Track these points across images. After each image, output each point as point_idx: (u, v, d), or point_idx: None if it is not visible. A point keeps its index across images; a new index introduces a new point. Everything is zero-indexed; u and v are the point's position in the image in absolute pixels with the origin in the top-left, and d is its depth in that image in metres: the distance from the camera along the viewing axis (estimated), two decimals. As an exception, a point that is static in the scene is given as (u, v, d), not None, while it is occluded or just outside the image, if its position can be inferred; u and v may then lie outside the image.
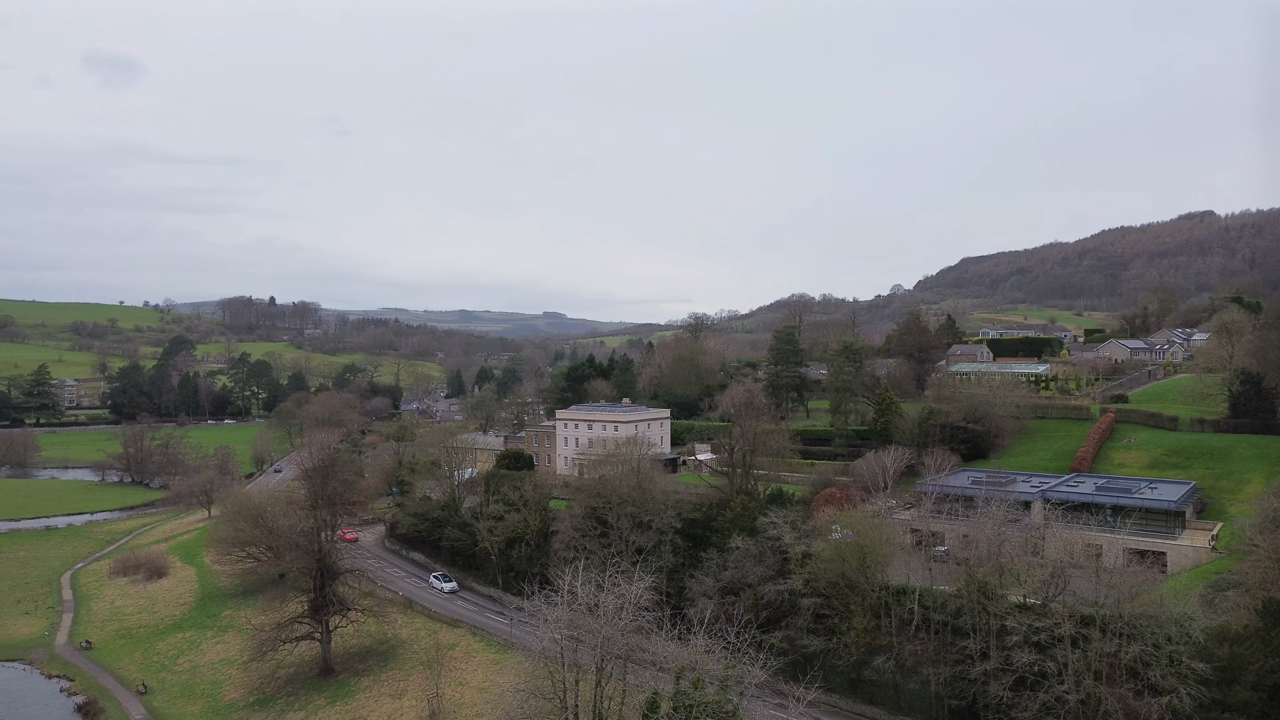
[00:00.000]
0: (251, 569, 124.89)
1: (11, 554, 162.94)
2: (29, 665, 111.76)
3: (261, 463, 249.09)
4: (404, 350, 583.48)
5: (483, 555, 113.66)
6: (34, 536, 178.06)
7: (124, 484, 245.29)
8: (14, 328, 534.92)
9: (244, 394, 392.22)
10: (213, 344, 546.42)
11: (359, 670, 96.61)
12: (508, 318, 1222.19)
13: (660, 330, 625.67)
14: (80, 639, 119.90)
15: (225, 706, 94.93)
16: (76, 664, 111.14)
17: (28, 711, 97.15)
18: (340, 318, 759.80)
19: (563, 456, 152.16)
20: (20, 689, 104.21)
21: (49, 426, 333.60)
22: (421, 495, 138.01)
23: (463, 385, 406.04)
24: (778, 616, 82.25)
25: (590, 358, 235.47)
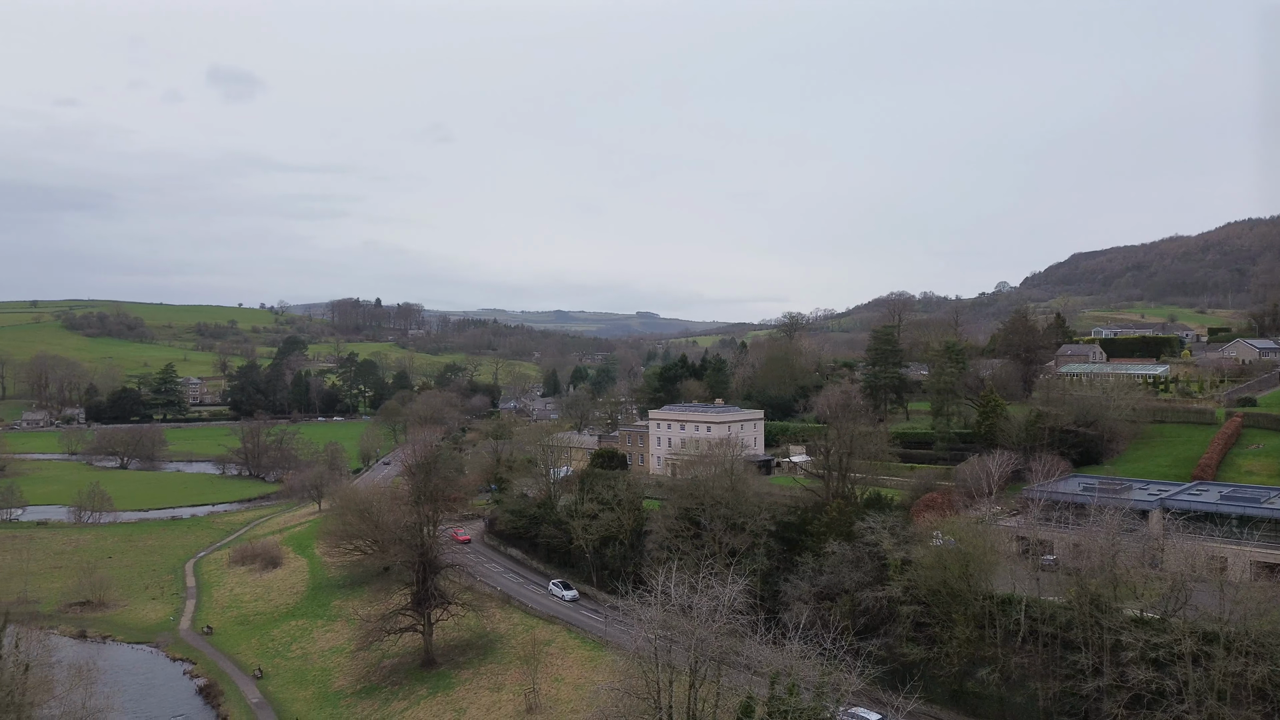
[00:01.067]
0: (358, 561, 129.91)
1: (141, 542, 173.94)
2: (156, 648, 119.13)
3: (368, 458, 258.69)
4: (502, 350, 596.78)
5: (577, 553, 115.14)
6: (161, 526, 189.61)
7: (242, 477, 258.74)
8: (144, 329, 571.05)
9: (352, 392, 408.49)
10: (323, 344, 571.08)
11: (459, 662, 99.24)
12: (601, 318, 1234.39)
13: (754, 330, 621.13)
14: (202, 624, 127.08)
15: (334, 693, 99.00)
16: (198, 648, 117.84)
17: (156, 693, 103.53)
18: (442, 318, 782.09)
19: (655, 456, 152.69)
20: (149, 670, 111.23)
21: (175, 422, 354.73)
22: (519, 493, 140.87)
23: (558, 384, 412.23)
24: (875, 623, 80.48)
25: (683, 358, 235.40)
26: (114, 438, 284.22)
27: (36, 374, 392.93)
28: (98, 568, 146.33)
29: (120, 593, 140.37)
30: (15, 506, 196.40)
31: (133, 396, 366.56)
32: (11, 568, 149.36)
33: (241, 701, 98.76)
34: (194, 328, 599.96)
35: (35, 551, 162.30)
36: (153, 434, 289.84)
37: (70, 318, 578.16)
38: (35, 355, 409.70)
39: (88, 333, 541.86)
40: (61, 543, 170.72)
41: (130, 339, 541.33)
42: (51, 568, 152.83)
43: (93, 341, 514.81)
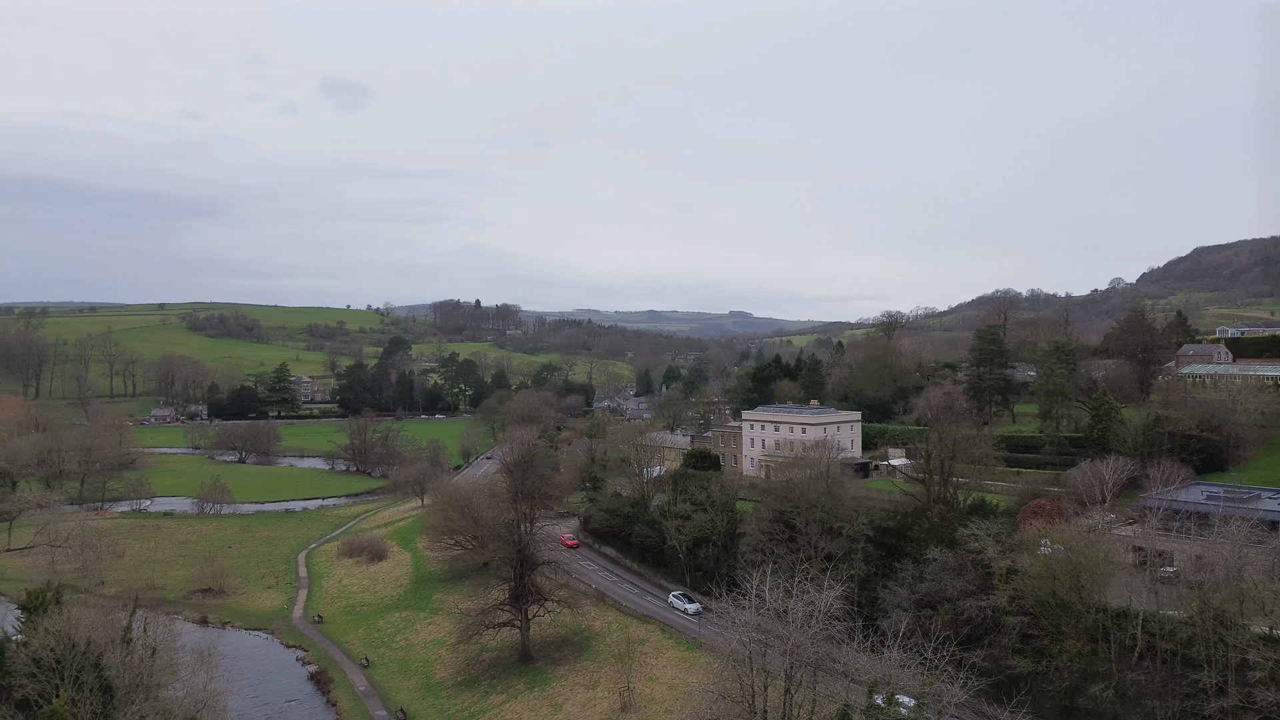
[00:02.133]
0: (459, 556, 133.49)
1: (257, 533, 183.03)
2: (271, 635, 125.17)
3: (468, 455, 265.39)
4: (596, 350, 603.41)
5: (670, 553, 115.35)
6: (275, 518, 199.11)
7: (350, 473, 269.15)
8: (260, 330, 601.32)
9: (453, 390, 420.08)
10: (425, 344, 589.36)
11: (555, 659, 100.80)
12: (694, 317, 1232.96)
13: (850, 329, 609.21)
14: (313, 613, 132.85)
15: (436, 684, 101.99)
16: (310, 636, 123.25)
17: (271, 678, 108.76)
18: (538, 319, 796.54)
19: (749, 458, 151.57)
20: (265, 656, 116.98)
21: (288, 419, 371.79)
22: (612, 491, 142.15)
23: (651, 384, 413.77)
24: (979, 634, 77.84)
25: (777, 357, 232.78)
26: (233, 433, 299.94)
27: (164, 373, 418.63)
28: (218, 557, 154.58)
29: (238, 581, 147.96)
30: (144, 498, 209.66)
31: (250, 394, 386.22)
32: (141, 555, 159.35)
33: (350, 689, 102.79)
34: (305, 329, 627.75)
35: (162, 540, 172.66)
36: (268, 430, 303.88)
37: (194, 319, 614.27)
38: (163, 355, 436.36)
39: (209, 334, 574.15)
40: (185, 532, 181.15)
41: (248, 339, 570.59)
42: (176, 556, 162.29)
43: (214, 342, 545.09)
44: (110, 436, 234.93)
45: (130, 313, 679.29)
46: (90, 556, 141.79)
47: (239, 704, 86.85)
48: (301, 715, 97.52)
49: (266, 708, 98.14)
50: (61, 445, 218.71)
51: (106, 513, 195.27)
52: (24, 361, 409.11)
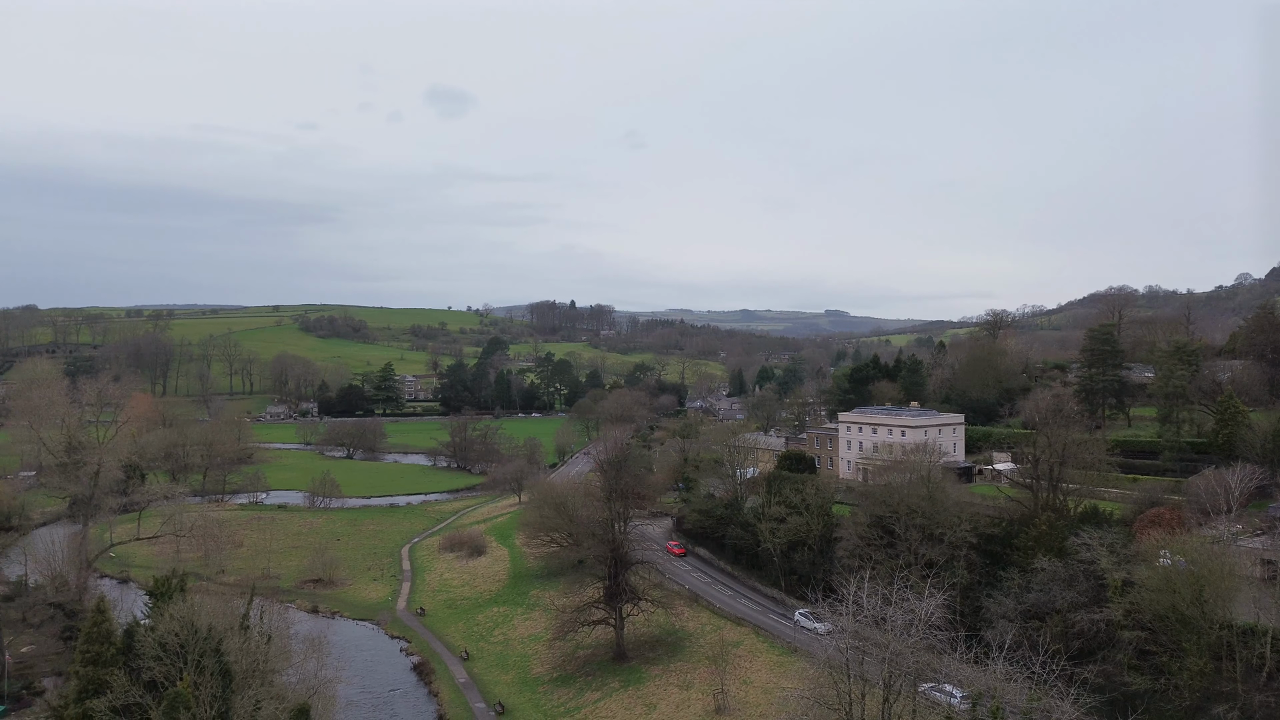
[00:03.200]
0: (555, 553, 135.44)
1: (364, 527, 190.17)
2: (376, 625, 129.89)
3: (563, 454, 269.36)
4: (689, 349, 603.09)
5: (765, 556, 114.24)
6: (381, 512, 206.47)
7: (450, 469, 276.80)
8: (367, 331, 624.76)
9: (548, 390, 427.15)
10: (523, 344, 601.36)
11: (649, 658, 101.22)
12: (789, 316, 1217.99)
13: (953, 328, 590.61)
14: (416, 606, 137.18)
15: (533, 679, 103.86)
16: (413, 628, 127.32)
17: (377, 667, 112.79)
18: (631, 319, 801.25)
19: (845, 460, 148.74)
20: (371, 646, 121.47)
21: (392, 416, 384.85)
22: (705, 492, 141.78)
23: (744, 384, 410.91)
24: (1091, 648, 74.27)
25: (874, 358, 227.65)
26: (341, 430, 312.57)
27: (278, 372, 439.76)
28: (328, 549, 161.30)
29: (346, 572, 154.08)
30: (261, 491, 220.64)
31: (357, 393, 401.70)
32: (257, 546, 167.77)
33: (450, 681, 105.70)
34: (409, 329, 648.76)
35: (276, 532, 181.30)
36: (374, 427, 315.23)
37: (305, 320, 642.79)
38: (277, 355, 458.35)
39: (320, 334, 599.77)
40: (298, 525, 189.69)
41: (355, 340, 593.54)
42: (290, 547, 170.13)
43: (324, 342, 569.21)
44: (230, 432, 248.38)
45: (248, 314, 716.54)
46: (212, 546, 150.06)
47: (347, 691, 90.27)
48: (405, 705, 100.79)
49: (372, 696, 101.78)
50: (186, 440, 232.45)
51: (226, 505, 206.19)
52: (153, 361, 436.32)
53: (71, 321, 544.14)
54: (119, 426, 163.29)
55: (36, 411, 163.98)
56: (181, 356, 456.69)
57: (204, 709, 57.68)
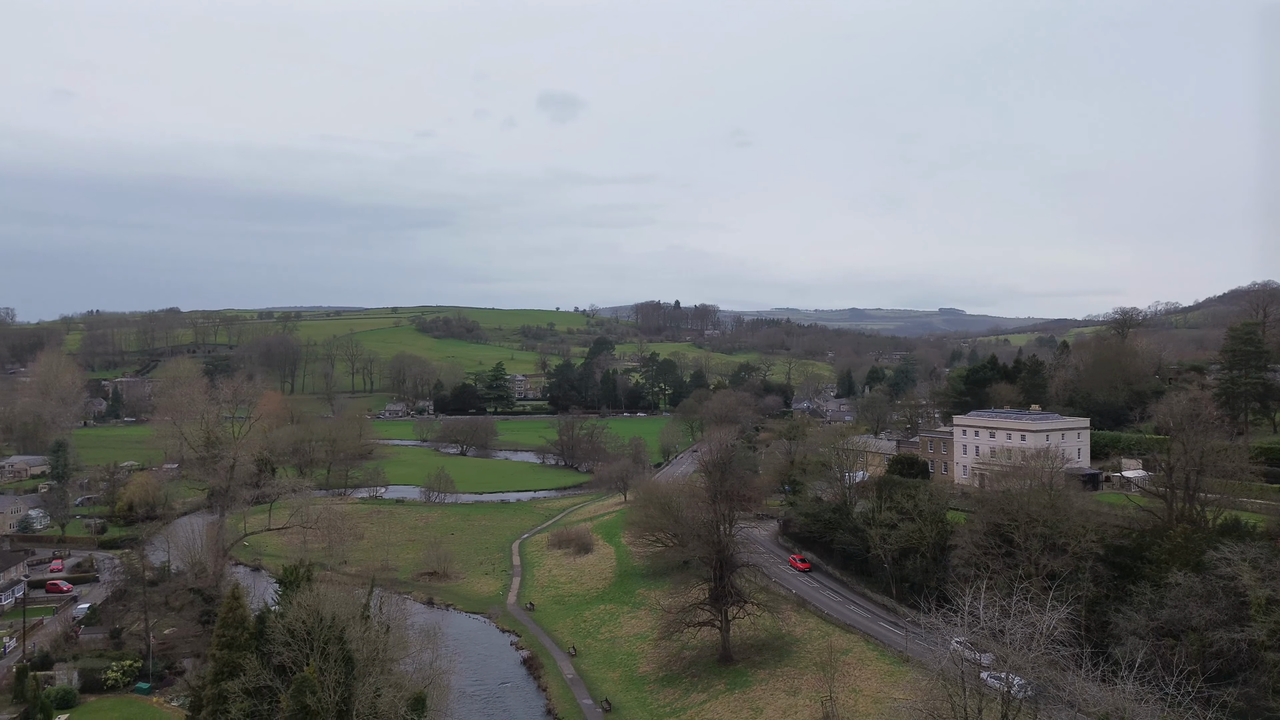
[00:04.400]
0: (660, 553, 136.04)
1: (476, 522, 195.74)
2: (488, 619, 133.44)
3: (668, 453, 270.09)
4: (795, 349, 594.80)
5: (875, 562, 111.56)
6: (492, 508, 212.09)
7: (558, 467, 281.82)
8: (479, 331, 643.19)
9: (653, 390, 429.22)
10: (628, 344, 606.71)
11: (755, 662, 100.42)
12: (900, 315, 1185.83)
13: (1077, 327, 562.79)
14: (525, 601, 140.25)
15: (639, 678, 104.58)
16: (522, 622, 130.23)
17: (488, 660, 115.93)
18: (736, 318, 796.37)
19: (961, 465, 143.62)
20: (483, 639, 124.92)
21: (503, 415, 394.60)
22: (812, 496, 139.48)
23: (853, 385, 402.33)
24: (1232, 669, 69.43)
25: (992, 358, 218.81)
26: (455, 428, 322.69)
27: (396, 371, 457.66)
28: (442, 543, 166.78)
29: (460, 566, 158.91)
30: (380, 485, 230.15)
31: (470, 391, 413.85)
32: (377, 538, 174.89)
33: (559, 676, 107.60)
34: (519, 330, 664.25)
35: (394, 525, 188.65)
36: (486, 425, 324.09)
37: (422, 321, 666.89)
38: (396, 355, 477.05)
39: (435, 335, 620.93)
40: (414, 519, 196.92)
41: (468, 340, 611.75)
42: (407, 540, 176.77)
43: (439, 342, 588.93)
44: (352, 429, 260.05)
45: (368, 316, 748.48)
46: (335, 538, 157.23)
47: (459, 682, 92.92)
48: (515, 698, 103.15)
49: (484, 688, 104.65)
50: (312, 436, 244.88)
51: (348, 498, 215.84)
52: (282, 360, 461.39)
53: (210, 323, 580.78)
54: (252, 423, 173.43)
55: (179, 408, 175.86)
56: (308, 356, 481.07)
57: (328, 694, 60.50)
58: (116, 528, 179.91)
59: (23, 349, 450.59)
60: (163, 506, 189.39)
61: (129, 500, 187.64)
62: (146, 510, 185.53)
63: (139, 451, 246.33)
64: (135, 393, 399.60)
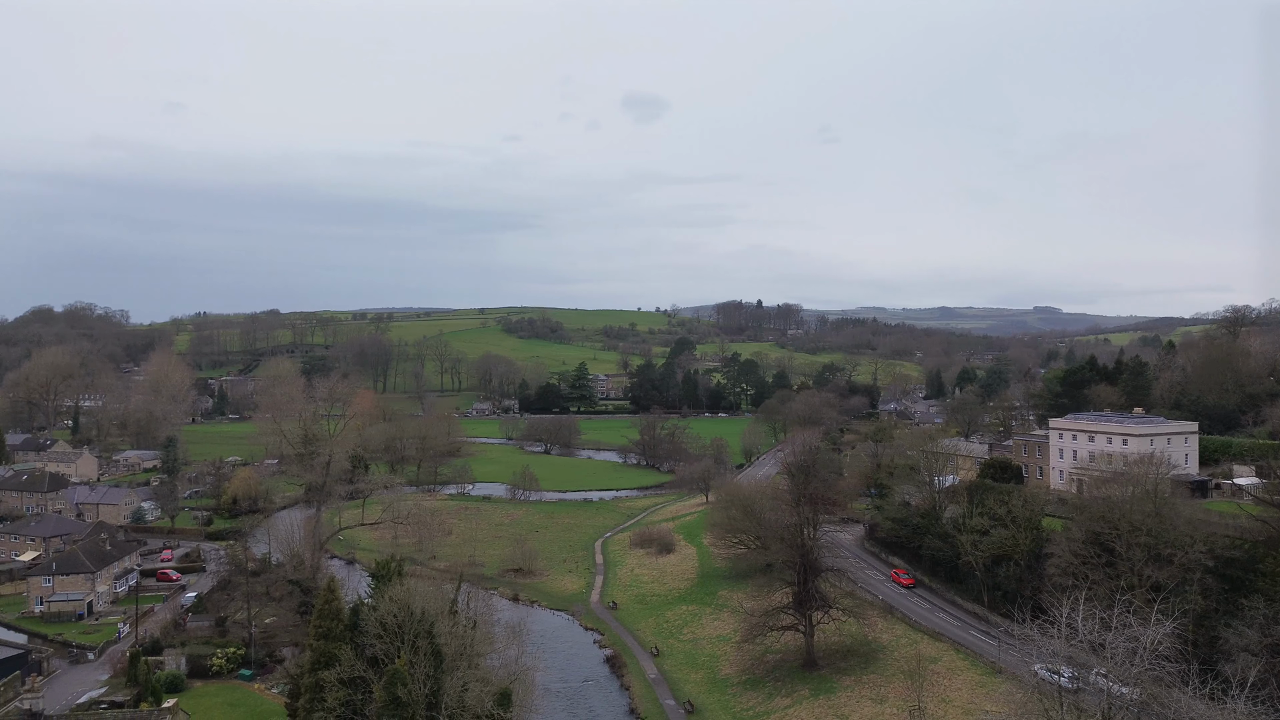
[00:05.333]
0: (742, 555, 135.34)
1: (560, 520, 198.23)
2: (571, 617, 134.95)
3: (750, 455, 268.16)
4: (881, 349, 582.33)
5: (965, 569, 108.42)
6: (575, 507, 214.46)
7: (640, 466, 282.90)
8: (563, 332, 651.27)
9: (734, 390, 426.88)
10: (709, 344, 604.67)
11: (840, 668, 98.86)
12: (992, 314, 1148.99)
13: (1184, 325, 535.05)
14: (608, 599, 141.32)
15: (721, 680, 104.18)
16: (605, 620, 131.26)
17: (572, 657, 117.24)
18: (820, 318, 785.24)
19: (1057, 470, 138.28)
20: (567, 636, 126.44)
21: (586, 414, 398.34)
22: (900, 500, 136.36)
23: (942, 386, 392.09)
24: (1359, 693, 64.87)
25: (1091, 358, 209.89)
26: (540, 426, 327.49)
27: (483, 371, 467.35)
28: (527, 540, 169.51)
29: (544, 563, 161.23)
30: (467, 482, 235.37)
31: (554, 391, 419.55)
32: (465, 534, 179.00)
33: (641, 675, 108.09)
34: (601, 330, 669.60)
35: (481, 522, 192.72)
36: (569, 424, 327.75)
37: (507, 322, 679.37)
38: (482, 355, 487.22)
39: (520, 335, 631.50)
40: (500, 516, 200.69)
41: (552, 340, 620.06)
42: (493, 537, 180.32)
43: (524, 342, 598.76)
44: (441, 427, 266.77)
45: (456, 316, 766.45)
46: (425, 533, 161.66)
47: (544, 679, 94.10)
48: (598, 696, 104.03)
49: (567, 685, 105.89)
50: (403, 434, 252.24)
51: (437, 495, 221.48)
52: (375, 360, 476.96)
53: (307, 324, 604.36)
54: (346, 421, 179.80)
55: (279, 406, 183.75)
56: (399, 356, 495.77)
57: (418, 687, 62.22)
58: (221, 520, 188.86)
59: (136, 349, 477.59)
60: (264, 500, 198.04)
61: (233, 494, 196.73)
62: (249, 504, 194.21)
63: (242, 447, 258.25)
64: (239, 391, 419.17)
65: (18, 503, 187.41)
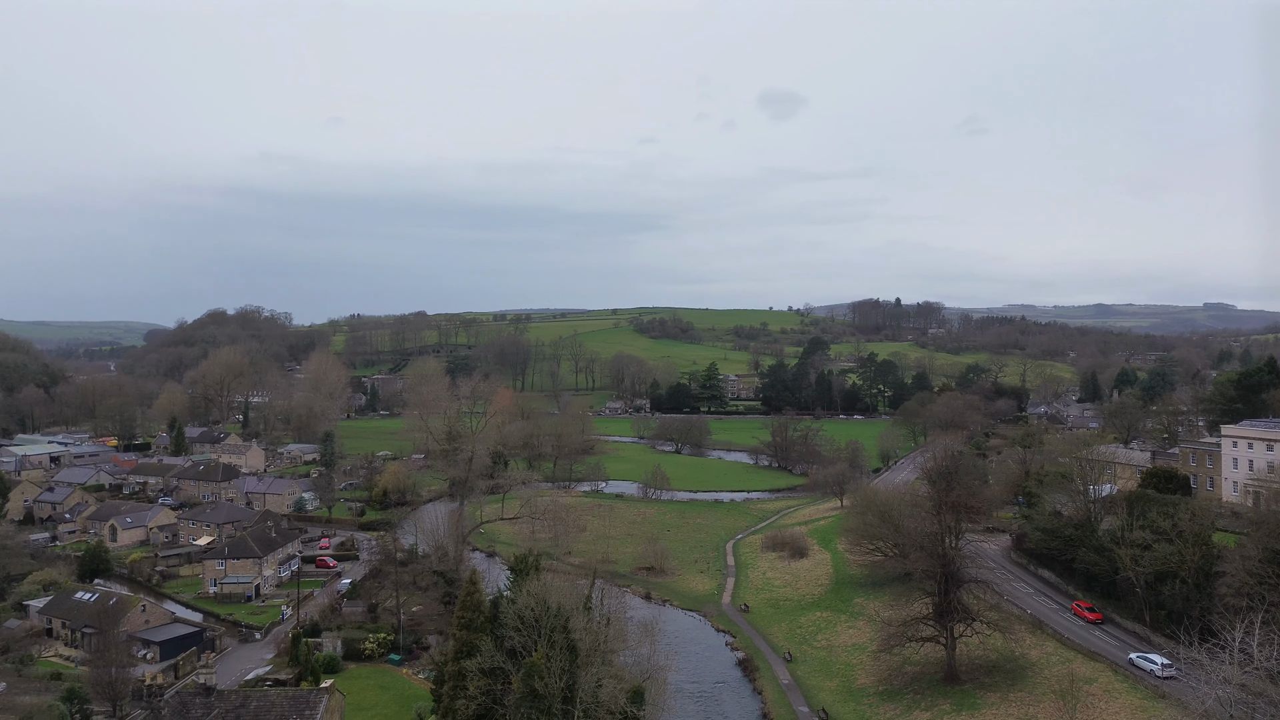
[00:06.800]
0: (879, 563, 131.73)
1: (691, 520, 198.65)
2: (703, 617, 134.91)
3: (887, 459, 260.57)
4: (1030, 349, 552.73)
5: (1124, 585, 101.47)
6: (706, 507, 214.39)
7: (771, 468, 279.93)
8: (693, 332, 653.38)
9: (871, 391, 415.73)
10: (844, 344, 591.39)
11: (984, 684, 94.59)
12: (1154, 311, 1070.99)
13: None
14: (739, 602, 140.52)
15: (857, 690, 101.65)
16: (737, 623, 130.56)
17: (704, 659, 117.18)
18: (963, 316, 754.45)
19: (1230, 481, 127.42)
20: (698, 637, 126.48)
21: (716, 414, 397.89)
22: (1051, 509, 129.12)
23: (1098, 389, 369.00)
24: None
25: (1270, 360, 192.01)
26: (670, 426, 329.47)
27: (616, 370, 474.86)
28: (658, 539, 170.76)
29: (675, 563, 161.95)
30: (600, 480, 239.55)
31: (684, 391, 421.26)
32: (598, 532, 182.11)
33: (774, 680, 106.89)
34: (731, 330, 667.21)
35: (614, 520, 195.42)
36: (700, 424, 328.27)
37: (639, 322, 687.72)
38: (615, 355, 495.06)
39: (652, 335, 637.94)
40: (632, 514, 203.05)
41: (682, 340, 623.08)
42: (625, 535, 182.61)
43: (655, 343, 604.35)
44: (575, 425, 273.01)
45: (590, 317, 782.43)
46: (560, 529, 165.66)
47: (675, 679, 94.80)
48: (731, 699, 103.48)
49: (699, 686, 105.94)
50: (540, 432, 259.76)
51: (572, 491, 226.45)
52: (514, 359, 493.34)
53: (451, 325, 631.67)
54: (487, 419, 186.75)
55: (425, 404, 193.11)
56: (536, 356, 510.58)
57: (554, 680, 63.81)
58: (373, 511, 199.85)
59: (298, 349, 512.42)
60: (411, 494, 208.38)
61: (384, 487, 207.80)
62: (398, 496, 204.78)
63: (392, 442, 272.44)
64: (389, 389, 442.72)
65: (195, 491, 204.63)
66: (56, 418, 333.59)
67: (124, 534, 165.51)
